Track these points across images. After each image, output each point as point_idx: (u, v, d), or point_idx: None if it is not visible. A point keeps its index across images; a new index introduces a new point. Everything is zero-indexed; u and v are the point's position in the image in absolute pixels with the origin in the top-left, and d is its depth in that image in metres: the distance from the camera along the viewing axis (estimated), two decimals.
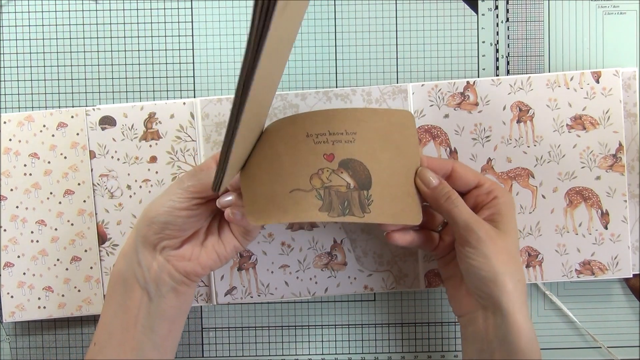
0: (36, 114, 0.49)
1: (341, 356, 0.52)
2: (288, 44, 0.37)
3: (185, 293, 0.42)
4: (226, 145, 0.32)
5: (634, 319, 0.52)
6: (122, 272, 0.41)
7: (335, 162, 0.39)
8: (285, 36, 0.33)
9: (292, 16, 0.32)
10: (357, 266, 0.50)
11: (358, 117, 0.40)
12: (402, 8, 0.51)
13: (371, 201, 0.39)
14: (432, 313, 0.52)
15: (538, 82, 0.49)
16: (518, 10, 0.51)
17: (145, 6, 0.51)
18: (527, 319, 0.38)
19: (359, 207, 0.39)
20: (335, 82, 0.51)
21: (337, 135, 0.39)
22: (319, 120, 0.39)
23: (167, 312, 0.41)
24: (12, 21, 0.50)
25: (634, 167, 0.49)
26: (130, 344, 0.41)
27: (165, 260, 0.41)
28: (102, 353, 0.41)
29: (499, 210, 0.40)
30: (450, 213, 0.39)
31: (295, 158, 0.39)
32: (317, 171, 0.39)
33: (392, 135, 0.40)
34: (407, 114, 0.41)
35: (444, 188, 0.40)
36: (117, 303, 0.41)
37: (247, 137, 0.35)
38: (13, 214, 0.49)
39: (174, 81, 0.51)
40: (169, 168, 0.49)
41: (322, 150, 0.39)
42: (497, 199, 0.41)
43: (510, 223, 0.40)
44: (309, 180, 0.38)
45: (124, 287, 0.41)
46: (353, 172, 0.39)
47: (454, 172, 0.42)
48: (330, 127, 0.39)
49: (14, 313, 0.49)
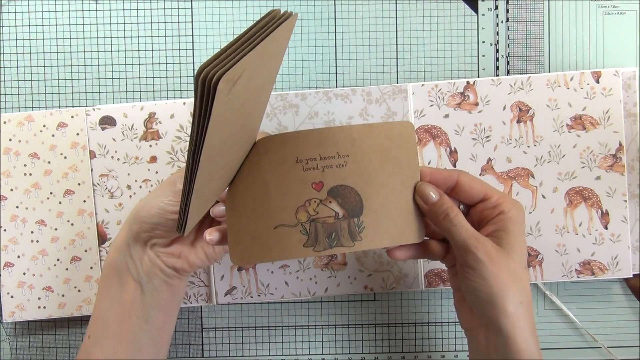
0: (36, 114, 0.49)
1: (341, 356, 0.52)
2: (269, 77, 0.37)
3: (178, 286, 0.43)
4: (184, 194, 0.32)
5: (634, 319, 0.52)
6: (115, 264, 0.42)
7: (323, 191, 0.37)
8: (259, 83, 0.34)
9: (257, 76, 0.33)
10: (357, 266, 0.50)
11: (353, 137, 0.38)
12: (402, 8, 0.51)
13: (362, 228, 0.37)
14: (432, 313, 0.52)
15: (538, 82, 0.49)
16: (518, 10, 0.51)
17: (145, 6, 0.51)
18: (529, 340, 0.37)
19: (348, 236, 0.37)
20: (335, 82, 0.51)
21: (328, 159, 0.38)
22: (310, 142, 0.38)
23: (161, 304, 0.42)
24: (12, 21, 0.50)
25: (634, 167, 0.49)
26: (127, 336, 0.41)
27: (155, 256, 0.41)
28: (99, 345, 0.41)
29: (504, 227, 0.38)
30: (449, 232, 0.37)
31: (283, 188, 0.37)
32: (304, 203, 0.37)
33: (389, 151, 0.38)
34: (407, 124, 0.39)
35: (443, 205, 0.37)
36: (111, 295, 0.41)
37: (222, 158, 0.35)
38: (13, 214, 0.49)
39: (174, 81, 0.51)
40: (169, 168, 0.49)
41: (311, 179, 0.37)
42: (504, 214, 0.38)
43: (516, 240, 0.38)
44: (295, 214, 0.37)
45: (119, 280, 0.41)
46: (343, 200, 0.37)
47: (459, 185, 0.39)
48: (322, 150, 0.37)
49: (14, 313, 0.49)
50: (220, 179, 0.36)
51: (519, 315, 0.36)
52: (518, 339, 0.36)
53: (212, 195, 0.38)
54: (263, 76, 0.34)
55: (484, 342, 0.38)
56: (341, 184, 0.37)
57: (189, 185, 0.32)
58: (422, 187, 0.38)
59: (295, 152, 0.38)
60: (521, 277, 0.37)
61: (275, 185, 0.38)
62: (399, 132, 0.38)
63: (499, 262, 0.36)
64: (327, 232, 0.37)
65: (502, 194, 0.39)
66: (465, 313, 0.40)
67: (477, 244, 0.37)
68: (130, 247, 0.41)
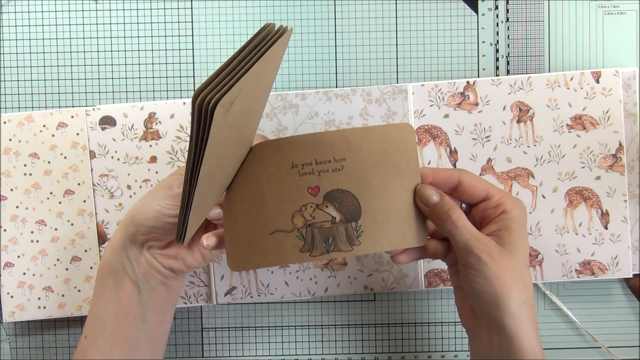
0: (36, 114, 0.49)
1: (341, 356, 0.52)
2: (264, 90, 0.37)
3: (175, 286, 0.43)
4: (183, 208, 0.32)
5: (634, 319, 0.52)
6: (111, 265, 0.41)
7: (320, 196, 0.37)
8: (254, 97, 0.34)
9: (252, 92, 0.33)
10: (357, 266, 0.50)
11: (349, 140, 0.37)
12: (402, 8, 0.51)
13: (361, 232, 0.37)
14: (432, 313, 0.52)
15: (538, 82, 0.49)
16: (518, 10, 0.51)
17: (145, 6, 0.51)
18: (533, 340, 0.37)
19: (346, 241, 0.37)
20: (335, 82, 0.51)
21: (324, 164, 0.37)
22: (305, 147, 0.38)
23: (158, 304, 0.42)
24: (12, 21, 0.50)
25: (634, 167, 0.49)
26: (124, 335, 0.41)
27: (152, 257, 0.41)
28: (96, 345, 0.41)
29: (506, 226, 0.38)
30: (451, 233, 0.37)
31: (279, 194, 0.37)
32: (300, 208, 0.37)
33: (388, 154, 0.38)
34: (407, 126, 0.38)
35: (444, 206, 0.37)
36: (108, 296, 0.41)
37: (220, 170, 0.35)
38: (13, 214, 0.49)
39: (174, 81, 0.51)
40: (168, 168, 0.49)
41: (307, 184, 0.37)
42: (506, 213, 0.38)
43: (518, 239, 0.38)
44: (291, 219, 0.37)
45: (115, 280, 0.41)
46: (339, 204, 0.37)
47: (461, 184, 0.39)
48: (318, 155, 0.37)
49: (14, 313, 0.49)
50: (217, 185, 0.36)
51: (522, 315, 0.36)
52: (522, 339, 0.36)
53: (210, 203, 0.38)
54: (259, 89, 0.35)
55: (486, 341, 0.38)
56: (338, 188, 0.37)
57: (187, 201, 0.32)
58: (422, 189, 0.38)
59: (291, 157, 0.38)
60: (524, 276, 0.37)
61: (271, 191, 0.37)
62: (398, 134, 0.38)
63: (501, 263, 0.36)
64: (324, 237, 0.37)
65: (504, 193, 0.39)
66: (466, 312, 0.40)
67: (479, 246, 0.37)
68: (127, 249, 0.41)
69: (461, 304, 0.41)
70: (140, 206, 0.40)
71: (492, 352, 0.38)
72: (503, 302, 0.36)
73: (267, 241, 0.37)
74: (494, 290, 0.36)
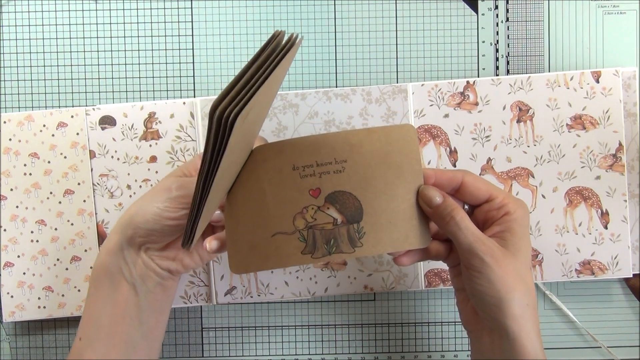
0: (36, 113, 0.49)
1: (341, 356, 0.52)
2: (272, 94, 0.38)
3: (171, 286, 0.43)
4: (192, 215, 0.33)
5: (634, 319, 0.52)
6: (107, 267, 0.41)
7: (321, 198, 0.37)
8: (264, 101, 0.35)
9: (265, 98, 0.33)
10: (357, 266, 0.50)
11: (351, 142, 0.37)
12: (402, 8, 0.51)
13: (363, 234, 0.37)
14: (432, 313, 0.52)
15: (538, 82, 0.49)
16: (518, 10, 0.51)
17: (145, 6, 0.51)
18: (535, 343, 0.37)
19: (347, 242, 0.37)
20: (335, 82, 0.51)
21: (325, 165, 0.37)
22: (306, 149, 0.38)
23: (154, 305, 0.42)
24: (12, 21, 0.51)
25: (634, 167, 0.49)
26: (120, 337, 0.41)
27: (149, 259, 0.41)
28: (92, 346, 0.41)
29: (509, 228, 0.38)
30: (454, 235, 0.37)
31: (280, 197, 0.37)
32: (302, 210, 0.37)
33: (390, 155, 0.38)
34: (409, 128, 0.38)
35: (447, 207, 0.37)
36: (104, 297, 0.41)
37: (227, 175, 0.35)
38: (13, 213, 0.49)
39: (174, 81, 0.51)
40: (168, 168, 0.49)
41: (308, 186, 0.37)
42: (509, 214, 0.38)
43: (521, 241, 0.38)
44: (292, 222, 0.37)
45: (111, 282, 0.41)
46: (341, 206, 0.37)
47: (464, 185, 0.39)
48: (319, 157, 0.37)
49: (14, 313, 0.49)
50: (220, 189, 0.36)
51: (525, 317, 0.36)
52: (524, 342, 0.36)
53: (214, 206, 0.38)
54: (268, 96, 0.35)
55: (488, 343, 0.38)
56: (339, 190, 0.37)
57: (197, 208, 0.32)
58: (425, 190, 0.38)
59: (292, 159, 0.38)
60: (527, 279, 0.37)
61: (272, 193, 0.37)
62: (400, 136, 0.38)
63: (505, 265, 0.36)
64: (325, 239, 0.37)
65: (507, 195, 0.39)
66: (468, 314, 0.40)
67: (483, 248, 0.36)
68: (124, 251, 0.41)
69: (463, 306, 0.41)
70: (138, 208, 0.40)
71: (494, 354, 0.38)
72: (506, 305, 0.36)
73: (268, 244, 0.37)
74: (497, 292, 0.36)
